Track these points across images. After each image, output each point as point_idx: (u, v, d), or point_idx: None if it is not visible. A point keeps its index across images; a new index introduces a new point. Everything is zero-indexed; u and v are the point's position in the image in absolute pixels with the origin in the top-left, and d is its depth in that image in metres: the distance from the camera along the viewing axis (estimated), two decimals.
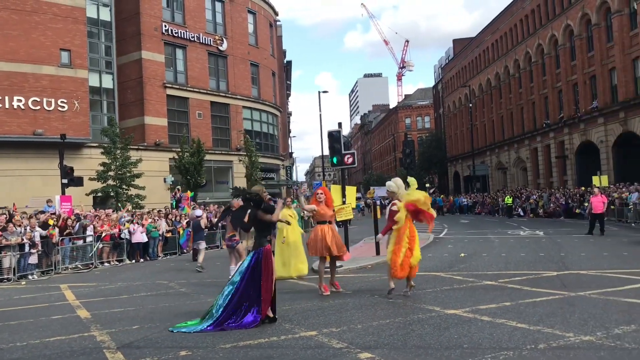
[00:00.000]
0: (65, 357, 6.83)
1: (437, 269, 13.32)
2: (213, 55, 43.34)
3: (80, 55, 33.74)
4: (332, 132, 16.87)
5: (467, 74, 68.95)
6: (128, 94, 38.35)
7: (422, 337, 6.83)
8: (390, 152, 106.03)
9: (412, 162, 27.45)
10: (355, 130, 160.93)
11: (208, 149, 38.67)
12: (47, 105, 32.05)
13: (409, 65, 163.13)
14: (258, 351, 6.67)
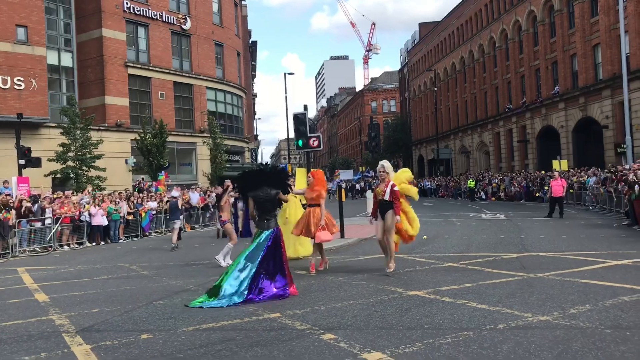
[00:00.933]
0: (22, 342, 6.66)
1: (400, 251, 13.42)
2: (176, 34, 42.52)
3: (37, 32, 32.65)
4: (297, 115, 16.80)
5: (433, 57, 69.40)
6: (88, 73, 37.37)
7: (384, 318, 6.89)
8: (356, 135, 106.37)
9: (377, 145, 27.58)
10: (322, 113, 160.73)
11: (171, 131, 38.09)
12: (2, 84, 31.01)
13: (376, 48, 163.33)
14: (221, 333, 6.63)
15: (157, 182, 29.70)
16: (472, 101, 58.59)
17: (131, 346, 6.21)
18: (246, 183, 9.10)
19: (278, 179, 9.05)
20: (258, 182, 8.86)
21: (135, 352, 5.99)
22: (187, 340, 6.34)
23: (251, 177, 9.14)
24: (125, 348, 6.14)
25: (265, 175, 8.99)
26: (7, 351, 6.27)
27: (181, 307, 8.19)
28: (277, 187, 8.89)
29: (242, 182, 9.27)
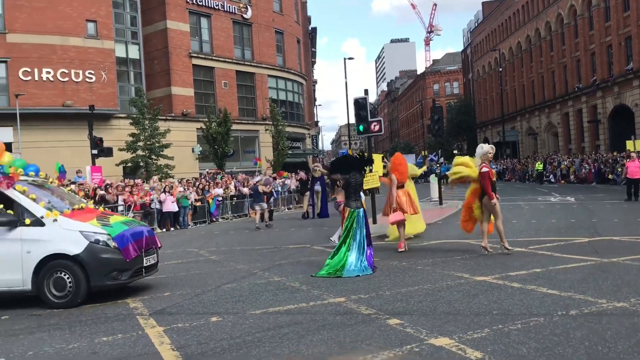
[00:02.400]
0: (100, 323, 7.01)
1: (465, 237, 13.21)
2: (238, 23, 43.07)
3: (106, 26, 33.86)
4: (358, 100, 16.71)
5: (497, 37, 67.36)
6: (154, 65, 38.47)
7: (450, 304, 6.81)
8: (417, 119, 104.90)
9: (441, 128, 27.05)
10: (382, 98, 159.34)
11: (234, 119, 38.75)
12: (75, 77, 32.37)
13: (437, 29, 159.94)
14: (287, 317, 6.74)
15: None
16: (539, 81, 56.55)
17: (201, 329, 6.42)
18: (338, 168, 10.25)
19: (364, 165, 10.17)
20: (348, 168, 9.92)
21: (205, 334, 6.18)
22: (254, 323, 6.49)
23: (342, 164, 10.32)
24: (196, 330, 6.35)
25: (353, 162, 10.14)
26: (87, 332, 6.61)
27: (248, 290, 8.38)
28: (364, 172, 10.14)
29: (334, 167, 10.44)
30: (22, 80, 30.74)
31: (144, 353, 5.63)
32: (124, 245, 8.28)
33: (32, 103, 30.44)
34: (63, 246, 8.06)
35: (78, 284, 7.99)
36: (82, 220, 8.45)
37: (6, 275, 8.04)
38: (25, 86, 30.48)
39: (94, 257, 8.06)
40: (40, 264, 8.01)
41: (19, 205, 8.25)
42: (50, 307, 7.91)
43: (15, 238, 8.09)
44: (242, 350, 5.51)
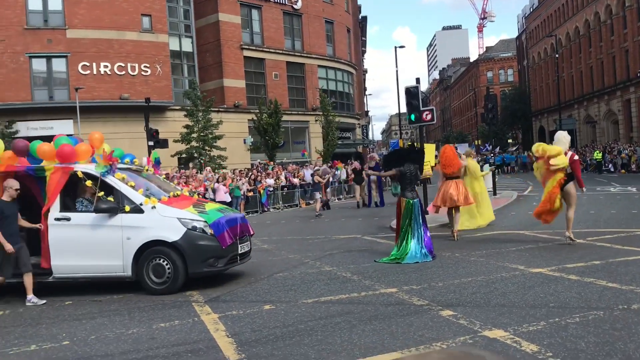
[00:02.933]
0: (158, 310, 7.23)
1: (520, 227, 12.95)
2: (288, 14, 43.20)
3: (160, 20, 34.59)
4: (409, 88, 16.53)
5: (554, 22, 65.17)
6: (207, 57, 39.07)
7: (505, 296, 6.70)
8: (470, 107, 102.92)
9: (495, 117, 26.48)
10: (434, 86, 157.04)
11: (285, 110, 38.99)
12: (131, 70, 33.25)
13: (491, 15, 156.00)
14: (339, 306, 6.77)
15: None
16: (598, 67, 54.44)
17: (255, 316, 6.53)
18: (391, 162, 10.54)
19: (417, 157, 10.48)
20: (402, 159, 10.20)
21: (259, 321, 6.29)
22: (307, 312, 6.56)
23: (395, 157, 10.64)
24: (249, 318, 6.47)
25: (406, 154, 10.48)
26: (145, 318, 6.84)
27: (300, 279, 8.46)
28: (416, 164, 10.28)
29: (387, 163, 10.79)
30: (81, 74, 31.80)
31: (200, 339, 5.78)
32: (220, 232, 8.31)
33: (90, 96, 31.48)
34: (162, 233, 8.16)
35: (176, 270, 8.08)
36: (180, 208, 8.52)
37: (107, 261, 8.22)
38: (84, 80, 31.52)
39: (192, 244, 8.12)
40: (139, 250, 8.15)
41: (118, 192, 8.37)
42: (150, 293, 8.06)
43: (115, 225, 8.22)
44: (294, 338, 5.59)
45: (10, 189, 7.96)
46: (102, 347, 5.72)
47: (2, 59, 30.31)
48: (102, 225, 8.26)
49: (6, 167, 8.52)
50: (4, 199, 7.94)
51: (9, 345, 5.98)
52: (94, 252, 8.23)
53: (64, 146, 8.65)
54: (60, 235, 8.27)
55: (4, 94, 29.93)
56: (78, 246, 8.27)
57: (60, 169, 8.42)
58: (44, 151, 8.62)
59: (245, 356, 5.11)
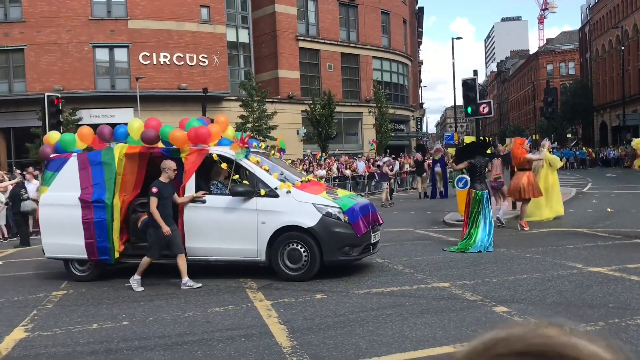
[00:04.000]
0: (212, 295, 7.42)
1: (579, 225, 12.56)
2: (344, 5, 43.06)
3: (218, 11, 35.12)
4: (466, 80, 16.24)
5: (620, 13, 62.50)
6: (263, 48, 39.44)
7: (562, 294, 6.54)
8: (529, 101, 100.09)
9: (554, 111, 25.65)
10: (491, 79, 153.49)
11: (338, 101, 38.98)
12: (189, 61, 33.93)
13: (552, 6, 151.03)
14: (390, 298, 6.78)
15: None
16: None
17: (307, 305, 6.62)
18: (463, 155, 10.76)
19: (486, 149, 10.84)
20: (474, 153, 10.43)
21: (310, 310, 6.37)
22: (358, 303, 6.59)
23: (466, 150, 10.85)
24: (301, 306, 6.56)
25: (476, 147, 10.72)
26: (201, 302, 7.03)
27: (352, 270, 8.49)
28: (487, 157, 10.75)
29: (459, 156, 10.97)
30: (142, 64, 32.67)
31: (253, 325, 5.90)
32: (355, 219, 8.05)
33: (150, 86, 32.31)
34: (297, 218, 7.94)
35: (313, 257, 7.87)
36: (314, 193, 8.30)
37: (241, 245, 8.11)
38: (144, 69, 32.38)
39: (328, 231, 7.89)
40: (274, 235, 7.97)
41: (253, 175, 8.27)
42: (284, 278, 7.90)
43: (250, 208, 8.06)
44: (345, 328, 5.63)
45: (169, 170, 7.86)
46: (160, 329, 5.92)
47: (68, 48, 31.49)
48: (237, 209, 8.12)
49: (141, 148, 8.58)
50: (162, 180, 7.85)
51: (73, 323, 6.28)
52: (228, 235, 8.12)
53: (200, 128, 8.57)
54: (194, 217, 8.19)
55: (69, 83, 31.11)
56: (212, 229, 8.18)
57: (196, 150, 8.36)
58: (177, 137, 8.47)
59: (298, 343, 5.19)
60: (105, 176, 8.45)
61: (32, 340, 5.74)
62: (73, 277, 8.77)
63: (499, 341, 0.71)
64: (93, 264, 8.69)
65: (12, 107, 31.03)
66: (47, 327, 6.17)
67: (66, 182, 8.64)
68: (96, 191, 8.47)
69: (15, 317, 6.61)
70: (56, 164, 8.88)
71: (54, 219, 8.68)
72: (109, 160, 8.47)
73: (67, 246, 8.58)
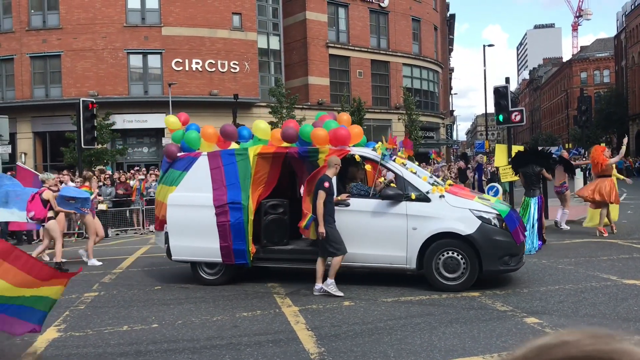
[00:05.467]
0: (241, 299, 7.46)
1: (613, 236, 12.28)
2: (374, 12, 43.06)
3: (250, 18, 35.47)
4: (498, 88, 16.04)
5: None
6: (293, 55, 39.67)
7: (595, 306, 6.40)
8: (562, 109, 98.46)
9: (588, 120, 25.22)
10: (523, 86, 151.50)
11: (367, 108, 38.93)
12: (221, 67, 34.30)
13: (587, 13, 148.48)
14: (419, 307, 6.72)
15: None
16: None
17: (334, 312, 6.60)
18: (518, 161, 11.40)
19: (542, 158, 11.18)
20: (526, 161, 11.04)
21: (338, 317, 6.35)
22: (386, 311, 6.55)
23: (521, 159, 11.36)
24: (329, 313, 6.55)
25: (532, 155, 11.26)
26: (229, 306, 7.07)
27: (379, 278, 8.43)
28: (541, 165, 11.03)
29: (515, 160, 11.63)
30: (174, 70, 33.16)
31: (281, 330, 5.91)
32: (513, 227, 7.60)
33: (182, 92, 32.74)
34: (454, 224, 7.44)
35: (472, 267, 7.36)
36: (467, 198, 7.92)
37: (389, 252, 7.64)
38: (177, 76, 32.85)
39: (487, 239, 7.36)
40: (426, 242, 7.50)
41: (401, 178, 7.84)
42: (438, 288, 7.44)
43: (399, 213, 7.60)
44: (374, 335, 5.60)
45: (336, 166, 7.54)
46: (189, 332, 5.97)
47: (103, 55, 32.15)
48: (385, 213, 7.66)
49: (277, 148, 8.34)
50: (329, 175, 7.46)
51: (104, 325, 6.37)
52: (375, 241, 7.65)
53: (340, 129, 8.29)
54: (337, 221, 7.56)
55: (104, 88, 31.75)
56: (358, 234, 7.65)
57: (336, 151, 7.92)
58: (319, 136, 8.13)
59: (325, 350, 5.18)
60: (240, 176, 8.17)
61: (64, 341, 5.84)
62: (201, 281, 8.40)
63: (554, 346, 0.71)
64: (224, 267, 8.33)
65: (48, 112, 31.80)
66: (79, 328, 6.27)
67: (196, 182, 8.34)
68: (231, 192, 8.16)
69: (49, 318, 6.72)
70: (184, 162, 8.58)
71: (182, 221, 8.30)
72: (244, 160, 8.20)
73: (197, 249, 8.25)
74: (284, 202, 8.66)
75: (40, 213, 10.19)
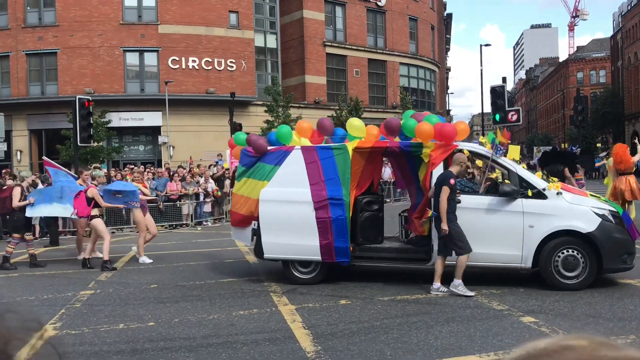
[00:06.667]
0: (237, 297, 7.45)
1: None
2: (372, 11, 43.05)
3: (247, 17, 35.41)
4: (495, 88, 16.12)
5: None
6: (290, 53, 39.63)
7: (591, 305, 6.42)
8: (558, 109, 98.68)
9: (584, 119, 25.31)
10: (520, 86, 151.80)
11: (364, 107, 38.95)
12: (217, 65, 34.24)
13: (583, 13, 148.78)
14: (415, 306, 6.72)
15: None
16: None
17: (331, 310, 6.60)
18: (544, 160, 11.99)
19: (565, 158, 11.90)
20: (551, 160, 11.65)
21: (335, 316, 6.35)
22: (382, 310, 6.56)
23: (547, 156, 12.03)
24: (325, 311, 6.55)
25: (556, 155, 11.90)
26: (225, 305, 7.06)
27: (376, 276, 8.44)
28: (565, 164, 11.56)
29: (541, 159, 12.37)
30: (171, 68, 33.08)
31: (278, 329, 5.90)
32: (629, 224, 7.52)
33: (179, 90, 32.69)
34: (574, 222, 7.24)
35: (591, 265, 7.16)
36: (581, 195, 7.76)
37: (503, 250, 7.38)
38: (173, 74, 32.77)
39: (608, 237, 7.18)
40: (543, 240, 7.28)
41: (514, 174, 7.60)
42: (558, 287, 7.18)
43: (515, 210, 7.36)
44: (370, 334, 5.60)
45: (462, 163, 7.38)
46: (185, 330, 5.96)
47: (99, 52, 32.06)
48: (499, 210, 7.43)
49: (375, 142, 8.11)
50: (454, 172, 7.27)
51: (100, 323, 6.36)
52: (487, 239, 7.35)
53: (447, 125, 8.04)
54: None
55: (100, 86, 31.66)
56: (467, 231, 7.21)
57: (441, 146, 7.68)
58: (424, 130, 7.78)
59: (322, 348, 5.18)
60: (339, 171, 7.84)
61: (60, 339, 5.82)
62: (294, 280, 8.09)
63: (564, 349, 0.67)
64: (319, 266, 8.03)
65: (44, 109, 31.68)
66: (75, 326, 6.26)
67: (290, 177, 8.00)
68: (331, 187, 7.82)
69: (45, 316, 6.73)
70: (276, 156, 8.21)
71: (277, 217, 7.95)
72: (342, 154, 7.90)
73: (292, 246, 7.92)
74: (378, 199, 8.54)
75: (83, 211, 10.02)
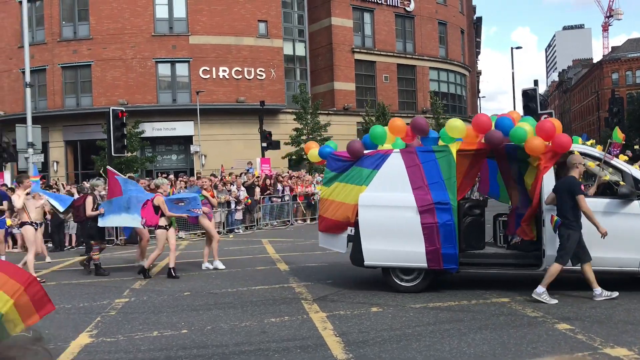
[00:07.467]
0: (269, 305, 7.48)
1: None
2: (400, 16, 42.95)
3: (275, 26, 35.70)
4: (527, 91, 15.91)
5: None
6: (319, 61, 39.79)
7: (630, 312, 6.27)
8: (592, 111, 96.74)
9: (620, 122, 24.76)
10: (552, 89, 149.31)
11: (394, 112, 38.74)
12: (247, 75, 34.59)
13: (617, 13, 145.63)
14: (448, 313, 6.66)
15: None
16: None
17: (362, 317, 6.58)
18: None
19: None
20: None
21: (366, 323, 6.33)
22: (414, 317, 6.51)
23: None
24: (357, 319, 6.53)
25: None
26: (257, 312, 7.10)
27: None
28: None
29: None
30: (202, 78, 33.55)
31: (309, 336, 5.91)
32: None
33: (210, 99, 33.11)
34: None
35: None
36: None
37: (620, 254, 7.19)
38: (204, 84, 33.24)
39: None
40: None
41: (629, 176, 7.41)
42: None
43: (632, 213, 7.21)
44: (402, 342, 5.56)
45: (580, 165, 7.16)
46: (217, 338, 6.01)
47: (132, 64, 32.72)
48: (614, 213, 7.25)
49: (479, 144, 7.85)
50: (575, 176, 7.09)
51: (134, 330, 6.46)
52: (602, 242, 6.99)
53: (561, 136, 7.64)
54: None
55: (133, 97, 32.29)
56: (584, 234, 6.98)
57: (552, 148, 7.47)
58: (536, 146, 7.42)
59: (353, 356, 5.16)
60: (444, 174, 7.60)
61: (96, 346, 5.94)
62: (395, 288, 7.86)
63: None
64: (422, 273, 7.80)
65: (80, 121, 32.46)
66: (110, 334, 6.37)
67: (389, 181, 7.79)
68: (435, 191, 7.58)
69: (81, 323, 6.86)
70: (373, 160, 8.02)
71: (378, 223, 7.74)
72: (446, 157, 7.66)
73: (394, 253, 7.67)
74: (480, 203, 8.38)
75: (151, 220, 10.07)
